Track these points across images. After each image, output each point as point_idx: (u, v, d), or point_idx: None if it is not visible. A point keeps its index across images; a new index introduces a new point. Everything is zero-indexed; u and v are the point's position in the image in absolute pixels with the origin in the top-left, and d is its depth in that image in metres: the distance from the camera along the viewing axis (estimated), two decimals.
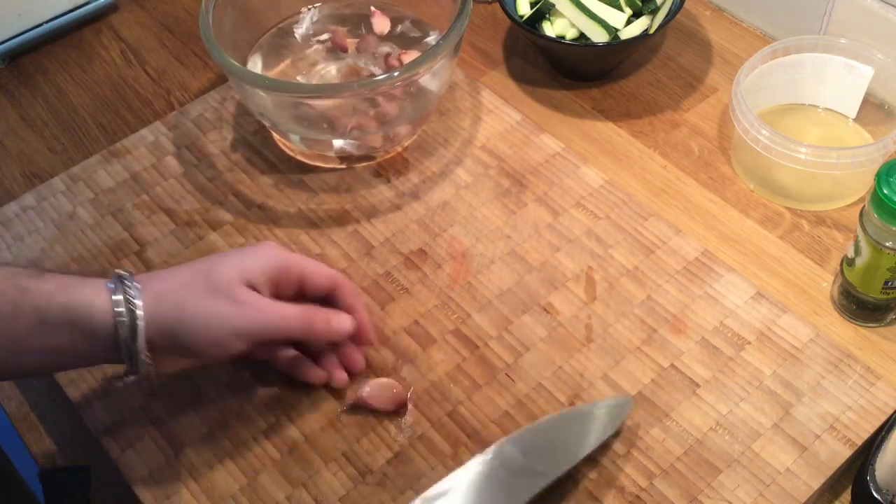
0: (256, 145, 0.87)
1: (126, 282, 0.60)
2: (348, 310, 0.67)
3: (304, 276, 0.66)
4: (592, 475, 0.65)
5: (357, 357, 0.69)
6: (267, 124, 0.84)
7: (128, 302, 0.59)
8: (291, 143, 0.85)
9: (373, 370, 0.71)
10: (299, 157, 0.85)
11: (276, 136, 0.86)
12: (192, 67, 0.98)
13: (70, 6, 1.01)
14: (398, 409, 0.68)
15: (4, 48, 0.98)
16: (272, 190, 0.83)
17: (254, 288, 0.63)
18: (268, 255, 0.65)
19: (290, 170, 0.85)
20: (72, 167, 0.87)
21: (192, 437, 0.68)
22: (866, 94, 0.82)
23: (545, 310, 0.74)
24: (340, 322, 0.66)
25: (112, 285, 0.59)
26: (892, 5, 0.82)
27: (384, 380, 0.70)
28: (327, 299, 0.68)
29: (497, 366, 0.71)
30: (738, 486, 0.64)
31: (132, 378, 0.63)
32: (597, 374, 0.70)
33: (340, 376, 0.69)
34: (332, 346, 0.69)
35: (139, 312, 0.59)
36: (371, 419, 0.68)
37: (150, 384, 0.71)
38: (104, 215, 0.82)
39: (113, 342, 0.59)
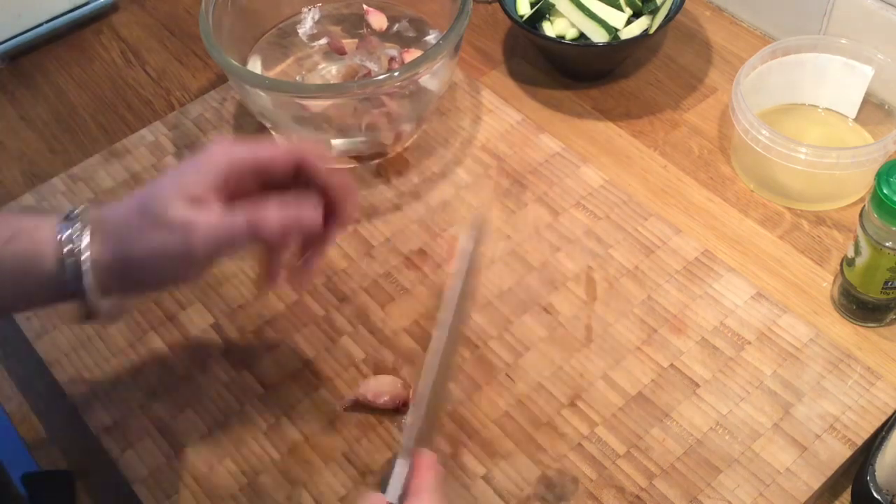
0: None
1: (73, 222, 0.56)
2: (323, 187, 0.59)
3: (259, 165, 0.58)
4: (592, 475, 0.65)
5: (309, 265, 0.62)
6: (267, 124, 0.84)
7: (73, 251, 0.55)
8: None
9: (373, 369, 0.71)
10: None
11: (276, 136, 0.86)
12: (192, 67, 0.98)
13: (70, 6, 1.01)
14: (398, 407, 0.68)
15: (4, 48, 0.98)
16: None
17: (197, 197, 0.56)
18: (209, 162, 0.57)
19: None
20: (72, 167, 0.87)
21: (192, 437, 0.68)
22: (866, 94, 0.82)
23: (545, 310, 0.74)
24: (296, 213, 0.57)
25: (60, 228, 0.56)
26: (892, 5, 0.82)
27: (385, 377, 0.70)
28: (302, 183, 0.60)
29: (497, 366, 0.71)
30: (738, 486, 0.64)
31: (92, 320, 0.59)
32: (597, 374, 0.70)
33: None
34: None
35: (84, 256, 0.55)
36: (371, 419, 0.68)
37: (149, 384, 0.71)
38: None
39: (59, 283, 0.56)
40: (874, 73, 0.81)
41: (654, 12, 0.88)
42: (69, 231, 0.55)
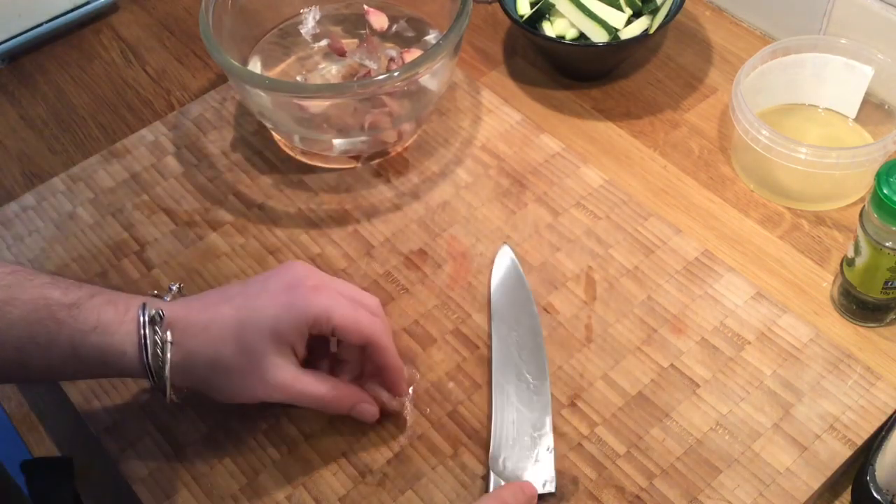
0: (256, 145, 0.87)
1: (157, 328, 0.60)
2: (380, 368, 0.65)
3: (337, 332, 0.63)
4: (592, 475, 0.65)
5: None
6: (267, 124, 0.84)
7: (157, 356, 0.60)
8: (291, 143, 0.85)
9: None
10: (300, 157, 0.85)
11: (276, 136, 0.86)
12: (192, 67, 0.98)
13: (70, 6, 1.01)
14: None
15: (4, 48, 0.98)
16: (272, 190, 0.83)
17: (291, 346, 0.62)
18: (301, 309, 0.62)
19: (290, 170, 0.85)
20: (72, 167, 0.87)
21: (192, 437, 0.68)
22: (866, 94, 0.82)
23: (545, 310, 0.74)
24: (364, 412, 0.65)
25: (143, 332, 0.60)
26: (892, 5, 0.82)
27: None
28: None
29: None
30: (738, 486, 0.64)
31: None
32: (597, 374, 0.70)
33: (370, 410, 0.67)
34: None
35: (167, 370, 0.61)
36: None
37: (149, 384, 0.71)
38: (104, 215, 0.82)
39: (138, 376, 0.62)
40: (874, 73, 0.81)
41: (654, 12, 0.88)
42: (154, 337, 0.60)
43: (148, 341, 0.60)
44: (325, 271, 0.77)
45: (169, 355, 0.60)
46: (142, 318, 0.60)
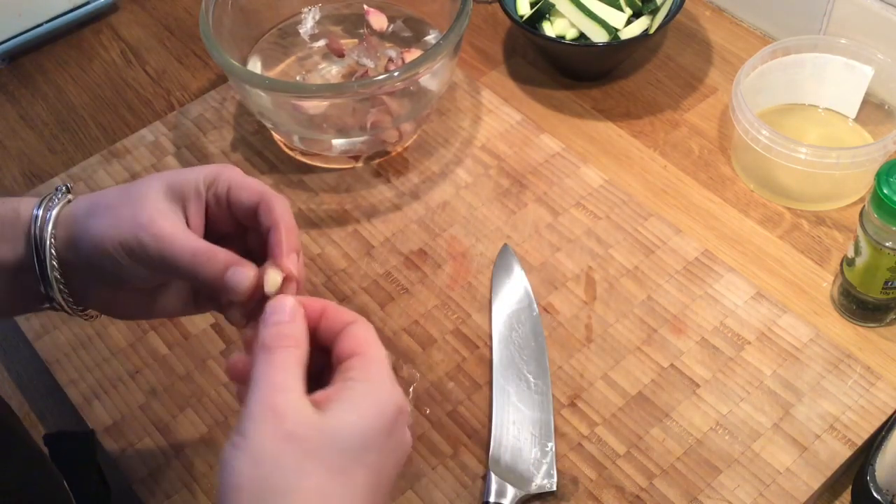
0: (256, 145, 0.87)
1: (57, 193, 0.56)
2: (264, 233, 0.54)
3: (231, 186, 0.54)
4: (592, 475, 0.65)
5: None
6: (267, 124, 0.84)
7: (47, 208, 0.54)
8: (291, 143, 0.85)
9: None
10: (300, 157, 0.85)
11: (276, 136, 0.86)
12: (192, 67, 0.98)
13: (70, 6, 1.00)
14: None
15: (4, 48, 0.98)
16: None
17: (182, 204, 0.53)
18: (203, 167, 0.55)
19: (290, 170, 0.85)
20: (72, 167, 0.87)
21: (192, 437, 0.68)
22: (866, 94, 0.82)
23: (545, 310, 0.74)
24: (238, 275, 0.51)
25: (42, 198, 0.55)
26: (892, 5, 0.82)
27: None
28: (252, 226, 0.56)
29: None
30: (738, 486, 0.64)
31: (58, 308, 0.57)
32: (597, 374, 0.70)
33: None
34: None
35: (52, 212, 0.54)
36: None
37: (149, 384, 0.71)
38: None
39: (29, 251, 0.54)
40: (874, 73, 0.81)
41: (654, 12, 0.88)
42: (47, 201, 0.54)
43: (46, 198, 0.55)
44: (326, 271, 0.77)
45: (56, 209, 0.54)
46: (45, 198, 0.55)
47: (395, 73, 0.75)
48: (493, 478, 0.63)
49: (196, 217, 0.54)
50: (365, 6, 0.91)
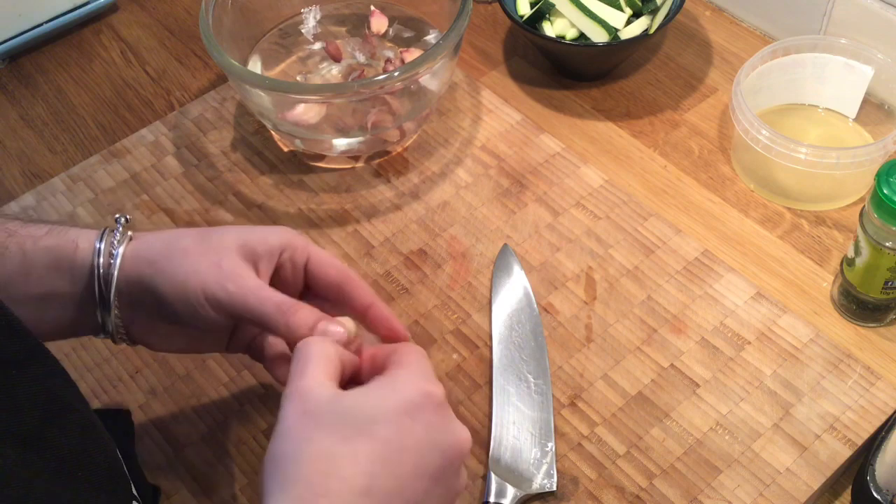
0: (256, 145, 0.87)
1: (117, 227, 0.57)
2: (359, 309, 0.58)
3: (312, 259, 0.58)
4: (592, 475, 0.65)
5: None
6: (267, 124, 0.84)
7: (109, 243, 0.56)
8: (291, 144, 0.85)
9: None
10: (300, 158, 0.85)
11: (276, 136, 0.86)
12: (192, 67, 0.98)
13: (70, 6, 1.00)
14: None
15: (4, 48, 0.98)
16: (272, 190, 0.83)
17: (254, 263, 0.56)
18: (277, 231, 0.58)
19: (290, 170, 0.85)
20: (72, 167, 0.87)
21: (192, 437, 0.68)
22: (866, 94, 0.82)
23: (545, 310, 0.74)
24: (328, 327, 0.54)
25: (101, 231, 0.57)
26: (892, 5, 0.82)
27: None
28: (335, 301, 0.59)
29: None
30: (738, 486, 0.64)
31: (108, 336, 0.59)
32: (597, 374, 0.70)
33: None
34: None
35: (119, 250, 0.56)
36: None
37: (149, 384, 0.71)
38: (104, 215, 0.82)
39: (89, 285, 0.56)
40: (874, 73, 0.81)
41: (653, 12, 0.88)
42: (108, 235, 0.57)
43: (105, 231, 0.56)
44: None
45: (121, 246, 0.56)
46: (101, 232, 0.57)
47: (396, 73, 0.75)
48: (493, 478, 0.63)
49: (264, 277, 0.57)
50: (372, 7, 0.91)
